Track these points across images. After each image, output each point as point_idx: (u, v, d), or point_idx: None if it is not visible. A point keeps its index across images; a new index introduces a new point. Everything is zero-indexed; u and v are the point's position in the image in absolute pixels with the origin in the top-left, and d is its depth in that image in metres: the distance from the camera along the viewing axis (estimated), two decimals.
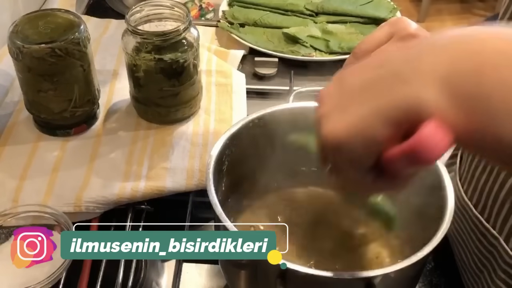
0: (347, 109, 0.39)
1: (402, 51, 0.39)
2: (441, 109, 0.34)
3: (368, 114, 0.37)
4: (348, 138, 0.38)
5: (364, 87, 0.38)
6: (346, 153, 0.39)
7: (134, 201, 0.71)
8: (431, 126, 0.34)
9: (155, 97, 0.79)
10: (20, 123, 0.82)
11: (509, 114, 0.33)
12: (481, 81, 0.33)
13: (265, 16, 1.07)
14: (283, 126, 0.65)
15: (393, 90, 0.36)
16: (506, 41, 0.34)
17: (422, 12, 3.02)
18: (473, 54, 0.34)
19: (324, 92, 0.42)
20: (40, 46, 0.71)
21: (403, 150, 0.36)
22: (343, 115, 0.39)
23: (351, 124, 0.38)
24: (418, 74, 0.35)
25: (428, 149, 0.34)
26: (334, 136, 0.39)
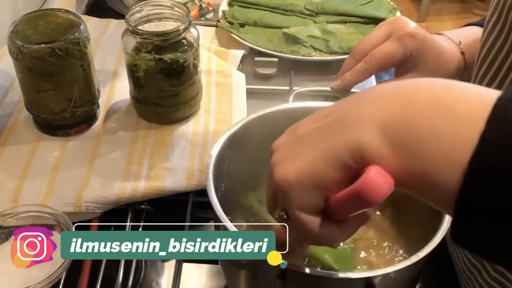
0: (298, 156, 0.41)
1: (347, 102, 0.42)
2: (380, 154, 0.37)
3: (317, 159, 0.40)
4: (299, 181, 0.41)
5: (313, 135, 0.41)
6: (297, 197, 0.41)
7: (134, 201, 0.71)
8: (373, 171, 0.37)
9: (155, 97, 0.79)
10: (20, 123, 0.82)
11: (440, 161, 0.35)
12: (414, 130, 0.36)
13: (265, 16, 1.06)
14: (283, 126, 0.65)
15: (337, 135, 0.39)
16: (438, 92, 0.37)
17: (422, 12, 3.02)
18: (406, 104, 0.37)
19: (278, 143, 0.45)
20: (40, 46, 0.71)
21: (348, 193, 0.39)
22: (294, 161, 0.41)
23: (302, 168, 0.41)
24: (359, 120, 0.38)
25: (371, 192, 0.37)
26: (285, 180, 0.41)
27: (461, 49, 0.74)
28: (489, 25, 0.60)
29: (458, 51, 0.74)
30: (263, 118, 0.64)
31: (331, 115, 0.41)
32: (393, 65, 0.73)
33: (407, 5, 3.08)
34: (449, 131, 0.35)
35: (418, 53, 0.71)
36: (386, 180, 0.37)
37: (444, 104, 0.36)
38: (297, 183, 0.41)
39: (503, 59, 0.58)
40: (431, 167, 0.36)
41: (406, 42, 0.70)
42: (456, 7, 3.17)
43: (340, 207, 0.40)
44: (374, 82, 0.93)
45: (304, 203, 0.41)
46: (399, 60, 0.72)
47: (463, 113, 0.35)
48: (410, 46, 0.70)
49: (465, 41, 0.75)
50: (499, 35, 0.59)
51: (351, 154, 0.38)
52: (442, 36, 0.76)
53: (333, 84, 0.76)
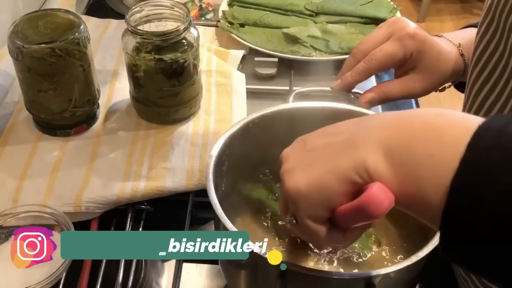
0: (309, 167, 0.45)
1: (354, 124, 0.46)
2: (383, 172, 0.41)
3: (326, 172, 0.43)
4: (308, 192, 0.44)
5: (324, 150, 0.45)
6: (305, 206, 0.45)
7: (134, 201, 0.71)
8: (376, 187, 0.40)
9: (155, 97, 0.79)
10: (20, 123, 0.82)
11: (430, 182, 0.39)
12: (411, 153, 0.40)
13: (265, 16, 1.06)
14: (283, 126, 0.65)
15: (346, 154, 0.43)
16: (431, 119, 0.41)
17: (422, 12, 3.02)
18: (406, 128, 0.41)
19: (287, 152, 0.49)
20: (40, 46, 0.71)
21: (353, 206, 0.42)
22: (304, 171, 0.45)
23: (311, 180, 0.44)
24: (366, 142, 0.42)
25: (374, 207, 0.40)
26: (295, 190, 0.45)
27: (460, 51, 0.74)
28: (482, 27, 0.61)
29: (457, 53, 0.74)
30: (263, 118, 0.64)
31: (340, 134, 0.45)
32: (393, 65, 0.73)
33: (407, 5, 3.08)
34: (438, 154, 0.38)
35: (418, 54, 0.71)
36: (387, 196, 0.40)
37: (435, 130, 0.40)
38: (306, 194, 0.44)
39: (497, 62, 0.58)
40: (423, 187, 0.39)
41: (407, 43, 0.70)
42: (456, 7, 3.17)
43: (345, 218, 0.44)
44: (374, 82, 0.93)
45: (312, 213, 0.45)
46: (399, 61, 0.72)
47: (450, 138, 0.38)
48: (410, 47, 0.70)
49: (464, 42, 0.75)
50: (492, 38, 0.59)
51: (357, 171, 0.41)
52: (441, 38, 0.76)
53: (333, 84, 0.76)
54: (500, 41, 0.57)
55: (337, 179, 0.42)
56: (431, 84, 0.74)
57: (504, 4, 0.56)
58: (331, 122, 0.48)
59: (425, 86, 0.73)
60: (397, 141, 0.41)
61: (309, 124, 0.65)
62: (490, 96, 0.60)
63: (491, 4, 0.59)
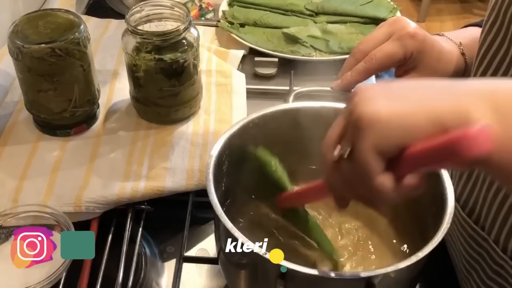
0: (395, 99, 0.40)
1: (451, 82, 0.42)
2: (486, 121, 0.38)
3: (418, 109, 0.39)
4: (388, 121, 0.40)
5: (415, 89, 0.41)
6: (378, 134, 0.40)
7: (134, 201, 0.71)
8: (479, 127, 0.37)
9: (155, 97, 0.79)
10: (20, 123, 0.82)
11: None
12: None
13: (265, 16, 1.06)
14: (283, 126, 0.65)
15: (447, 96, 0.39)
16: None
17: (422, 12, 3.02)
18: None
19: (363, 87, 0.43)
20: (40, 46, 0.71)
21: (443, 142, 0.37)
22: (390, 102, 0.40)
23: (398, 110, 0.39)
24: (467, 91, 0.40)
25: (472, 144, 0.36)
26: (374, 114, 0.40)
27: (461, 50, 0.74)
28: (487, 25, 0.61)
29: (458, 52, 0.74)
30: (263, 118, 0.64)
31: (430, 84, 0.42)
32: (394, 65, 0.73)
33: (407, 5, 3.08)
34: None
35: (419, 54, 0.71)
36: (487, 139, 0.37)
37: None
38: (385, 121, 0.40)
39: (501, 60, 0.58)
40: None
41: (407, 43, 0.70)
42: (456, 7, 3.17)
43: (421, 157, 0.39)
44: (374, 82, 0.93)
45: (381, 143, 0.40)
46: (399, 60, 0.72)
47: None
48: (410, 47, 0.70)
49: (465, 42, 0.75)
50: (496, 35, 0.59)
51: (457, 117, 0.38)
52: (442, 37, 0.76)
53: (333, 84, 0.76)
54: (504, 39, 0.57)
55: (429, 119, 0.39)
56: None
57: (509, 3, 0.56)
58: (331, 122, 0.48)
59: None
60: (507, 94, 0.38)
61: (309, 124, 0.65)
62: None
63: (495, 3, 0.59)
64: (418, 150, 0.39)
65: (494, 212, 0.61)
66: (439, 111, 0.39)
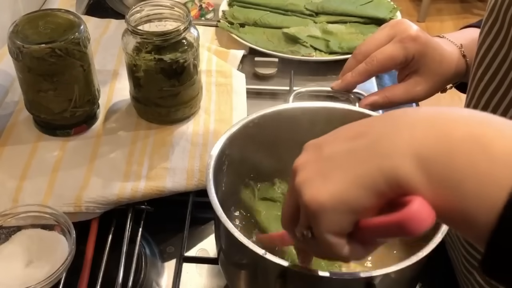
0: (329, 176, 0.40)
1: (380, 123, 0.41)
2: (418, 186, 0.36)
3: (351, 183, 0.39)
4: (333, 205, 0.39)
5: (345, 156, 0.40)
6: (327, 220, 0.40)
7: (134, 201, 0.71)
8: (418, 202, 0.36)
9: (155, 97, 0.79)
10: (20, 123, 0.82)
11: (478, 200, 0.35)
12: (453, 166, 0.36)
13: (265, 16, 1.06)
14: (283, 126, 0.65)
15: (372, 162, 0.38)
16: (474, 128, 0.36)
17: (422, 12, 3.02)
18: (443, 138, 0.37)
19: (301, 161, 0.44)
20: (40, 46, 0.71)
21: (389, 222, 0.37)
22: (325, 182, 0.40)
23: (334, 192, 0.39)
24: (395, 149, 0.38)
25: (415, 224, 0.36)
26: (317, 202, 0.40)
27: (462, 52, 0.74)
28: (486, 26, 0.61)
29: (459, 54, 0.74)
30: (263, 118, 0.64)
31: (363, 136, 0.40)
32: (394, 67, 0.73)
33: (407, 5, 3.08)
34: (487, 170, 0.35)
35: (420, 57, 0.71)
36: (430, 214, 0.36)
37: (481, 142, 0.35)
38: (329, 206, 0.40)
39: (501, 61, 0.58)
40: (469, 204, 0.35)
41: (408, 45, 0.70)
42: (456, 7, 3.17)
43: (374, 232, 0.40)
44: (374, 83, 0.93)
45: (334, 227, 0.41)
46: (400, 63, 0.72)
47: (500, 152, 0.35)
48: (411, 49, 0.70)
49: (466, 43, 0.75)
50: (496, 37, 0.59)
51: (387, 182, 0.37)
52: (443, 39, 0.76)
53: (333, 84, 0.76)
54: (504, 40, 0.57)
55: (364, 191, 0.38)
56: (434, 86, 0.74)
57: (508, 4, 0.56)
58: (331, 122, 0.48)
59: (429, 89, 0.73)
60: (434, 151, 0.37)
61: (309, 124, 0.65)
62: (494, 96, 0.60)
63: (494, 4, 0.59)
64: (370, 226, 0.39)
65: None
66: (369, 180, 0.38)
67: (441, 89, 0.76)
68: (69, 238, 0.64)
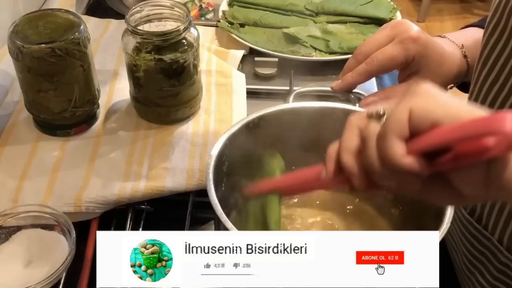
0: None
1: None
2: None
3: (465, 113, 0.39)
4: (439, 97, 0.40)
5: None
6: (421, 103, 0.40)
7: (134, 201, 0.71)
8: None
9: (155, 97, 0.79)
10: (20, 123, 0.82)
11: None
12: None
13: (265, 16, 1.06)
14: (283, 126, 0.65)
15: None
16: None
17: (422, 12, 3.02)
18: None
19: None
20: (40, 46, 0.71)
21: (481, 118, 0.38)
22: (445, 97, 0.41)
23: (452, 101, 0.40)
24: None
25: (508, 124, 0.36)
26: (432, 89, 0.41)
27: (463, 52, 0.74)
28: (490, 28, 0.60)
29: (460, 55, 0.74)
30: (263, 118, 0.64)
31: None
32: (395, 67, 0.73)
33: (407, 5, 3.08)
34: None
35: (421, 57, 0.71)
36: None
37: None
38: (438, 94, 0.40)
39: (504, 62, 0.58)
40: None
41: (409, 46, 0.70)
42: (456, 7, 3.17)
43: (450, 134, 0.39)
44: (374, 83, 0.93)
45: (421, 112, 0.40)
46: (400, 63, 0.72)
47: None
48: (412, 50, 0.70)
49: (467, 43, 0.75)
50: (499, 38, 0.59)
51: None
52: (444, 39, 0.76)
53: (333, 84, 0.76)
54: (508, 41, 0.57)
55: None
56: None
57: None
58: (331, 122, 0.48)
59: None
60: None
61: (309, 124, 0.65)
62: (498, 97, 0.59)
63: (498, 5, 0.59)
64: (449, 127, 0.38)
65: (497, 211, 0.61)
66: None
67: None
68: (69, 238, 0.64)
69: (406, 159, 0.40)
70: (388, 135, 0.40)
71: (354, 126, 0.45)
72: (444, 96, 0.41)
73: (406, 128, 0.40)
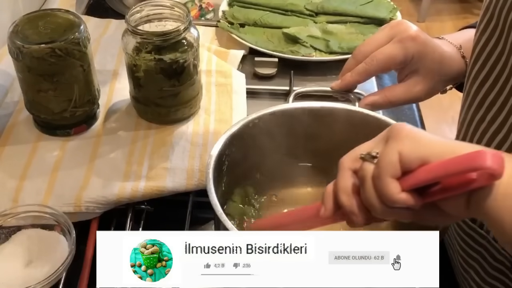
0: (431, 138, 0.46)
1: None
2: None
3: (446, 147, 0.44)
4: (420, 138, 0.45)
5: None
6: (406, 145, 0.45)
7: (134, 201, 0.71)
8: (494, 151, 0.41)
9: (155, 97, 0.79)
10: (20, 123, 0.82)
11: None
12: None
13: (265, 16, 1.07)
14: (283, 126, 0.65)
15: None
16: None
17: (422, 12, 3.02)
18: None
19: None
20: (40, 46, 0.71)
21: (465, 155, 0.41)
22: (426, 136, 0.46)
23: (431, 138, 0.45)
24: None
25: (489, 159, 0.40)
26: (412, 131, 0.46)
27: (461, 53, 0.74)
28: (481, 26, 0.61)
29: (459, 55, 0.74)
30: (263, 118, 0.64)
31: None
32: (394, 67, 0.73)
33: (407, 5, 3.08)
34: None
35: (420, 57, 0.71)
36: (502, 163, 0.40)
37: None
38: (419, 136, 0.45)
39: (496, 60, 0.58)
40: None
41: (408, 45, 0.70)
42: (456, 7, 3.17)
43: (436, 170, 0.43)
44: (374, 83, 0.93)
45: (408, 153, 0.44)
46: (400, 63, 0.72)
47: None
48: (411, 49, 0.70)
49: (465, 44, 0.75)
50: (491, 35, 0.59)
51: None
52: (442, 40, 0.76)
53: (333, 84, 0.76)
54: (499, 39, 0.57)
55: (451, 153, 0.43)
56: (434, 87, 0.74)
57: (503, 2, 0.56)
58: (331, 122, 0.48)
59: (428, 89, 0.73)
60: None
61: (308, 124, 0.65)
62: (489, 94, 0.60)
63: (490, 3, 0.59)
64: (436, 164, 0.43)
65: None
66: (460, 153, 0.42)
67: (441, 90, 0.76)
68: (69, 238, 0.64)
69: (401, 196, 0.45)
70: (383, 176, 0.45)
71: (347, 168, 0.49)
72: (425, 135, 0.45)
73: (398, 168, 0.45)
